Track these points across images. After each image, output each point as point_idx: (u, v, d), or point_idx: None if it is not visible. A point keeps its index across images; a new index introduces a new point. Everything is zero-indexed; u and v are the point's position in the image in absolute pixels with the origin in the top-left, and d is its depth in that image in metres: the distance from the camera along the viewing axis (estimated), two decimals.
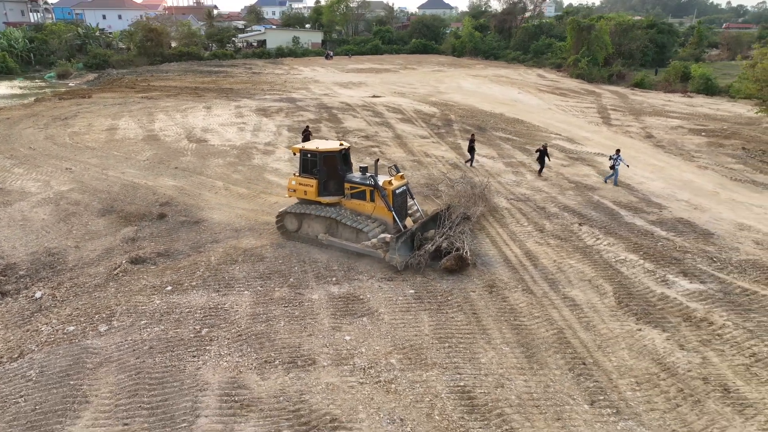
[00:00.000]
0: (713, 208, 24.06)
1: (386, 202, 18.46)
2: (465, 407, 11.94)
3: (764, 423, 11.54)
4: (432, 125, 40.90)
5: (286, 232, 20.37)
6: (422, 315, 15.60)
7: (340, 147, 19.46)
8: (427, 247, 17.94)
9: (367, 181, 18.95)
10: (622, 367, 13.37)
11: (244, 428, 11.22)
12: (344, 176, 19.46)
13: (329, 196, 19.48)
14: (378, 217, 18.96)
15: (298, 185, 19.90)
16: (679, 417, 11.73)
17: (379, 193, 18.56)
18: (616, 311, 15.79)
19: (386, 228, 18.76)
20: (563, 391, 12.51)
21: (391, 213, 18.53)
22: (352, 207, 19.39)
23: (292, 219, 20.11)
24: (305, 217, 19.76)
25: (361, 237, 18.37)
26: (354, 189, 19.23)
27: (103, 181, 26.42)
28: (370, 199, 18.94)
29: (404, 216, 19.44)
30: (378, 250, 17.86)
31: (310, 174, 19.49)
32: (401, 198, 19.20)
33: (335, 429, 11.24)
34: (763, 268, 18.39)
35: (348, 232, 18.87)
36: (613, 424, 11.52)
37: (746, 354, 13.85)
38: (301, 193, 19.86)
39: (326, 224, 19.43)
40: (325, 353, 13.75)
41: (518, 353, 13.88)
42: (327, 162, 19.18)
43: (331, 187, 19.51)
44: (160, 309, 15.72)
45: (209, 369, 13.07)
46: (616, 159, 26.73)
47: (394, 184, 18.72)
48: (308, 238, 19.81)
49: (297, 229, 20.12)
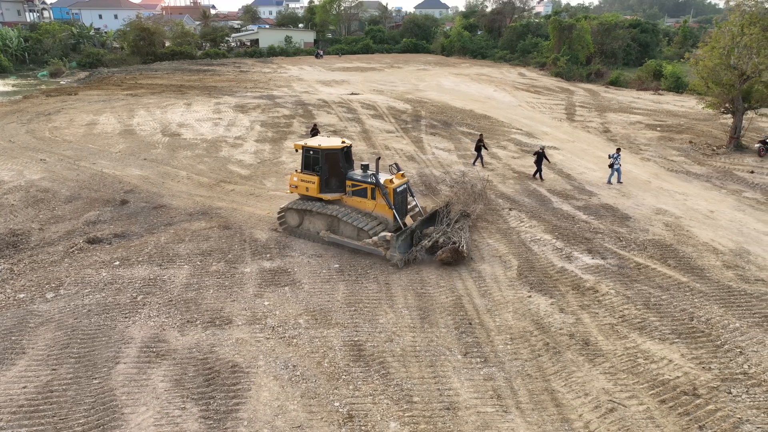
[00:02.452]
0: (639, 195, 25.79)
1: (387, 200, 18.71)
2: (353, 357, 13.74)
3: (608, 368, 13.32)
4: (401, 121, 42.62)
5: (287, 228, 20.66)
6: (340, 285, 17.39)
7: (342, 144, 19.61)
8: (424, 242, 18.38)
9: (369, 178, 19.15)
10: (502, 326, 15.14)
11: (155, 372, 13.02)
12: (346, 173, 19.63)
13: (331, 193, 19.69)
14: (378, 214, 19.25)
15: (300, 182, 20.09)
16: (537, 364, 13.51)
17: (381, 191, 18.77)
18: (514, 282, 17.56)
19: (387, 225, 19.12)
20: (444, 345, 14.30)
21: (392, 211, 18.81)
22: (353, 204, 19.62)
23: (293, 215, 20.36)
24: (307, 213, 20.03)
25: (362, 235, 18.69)
26: (355, 186, 19.43)
27: (74, 171, 28.27)
28: (371, 196, 19.17)
29: (404, 214, 19.73)
30: (379, 248, 18.16)
31: (312, 171, 19.73)
32: (402, 196, 19.44)
33: (234, 372, 13.04)
34: (662, 246, 20.13)
35: (349, 229, 19.12)
36: (478, 369, 13.31)
37: (616, 316, 15.61)
38: (302, 190, 20.07)
39: (328, 221, 19.60)
40: (242, 315, 15.56)
41: (414, 315, 15.65)
42: (329, 159, 19.36)
43: (333, 185, 19.71)
44: (104, 280, 17.52)
45: (137, 327, 14.89)
46: (615, 158, 27.06)
47: (395, 183, 18.92)
48: (309, 234, 20.10)
49: (298, 225, 20.38)
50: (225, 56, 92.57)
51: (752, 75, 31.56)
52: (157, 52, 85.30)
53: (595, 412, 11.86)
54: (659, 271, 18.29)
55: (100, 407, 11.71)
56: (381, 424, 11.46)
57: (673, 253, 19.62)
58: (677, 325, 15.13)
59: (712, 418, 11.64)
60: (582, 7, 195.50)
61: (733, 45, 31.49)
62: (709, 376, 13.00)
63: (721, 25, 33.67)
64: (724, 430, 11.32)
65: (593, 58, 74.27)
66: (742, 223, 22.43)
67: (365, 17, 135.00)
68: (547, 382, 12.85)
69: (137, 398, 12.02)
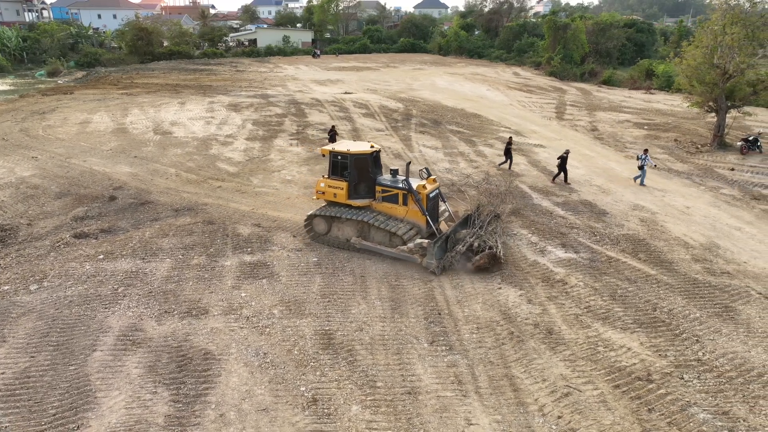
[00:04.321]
0: (619, 192, 26.26)
1: (421, 206, 18.27)
2: (322, 345, 14.24)
3: (568, 356, 13.80)
4: (391, 119, 43.10)
5: (314, 236, 20.11)
6: (316, 277, 17.88)
7: (372, 149, 19.09)
8: (458, 247, 17.96)
9: (401, 184, 18.73)
10: (470, 316, 15.62)
11: (130, 359, 13.53)
12: (375, 179, 19.15)
13: (360, 199, 19.21)
14: (410, 220, 18.77)
15: (327, 187, 19.54)
16: (500, 352, 14.00)
17: (413, 196, 18.33)
18: (485, 274, 18.01)
19: (419, 232, 18.73)
20: (412, 334, 14.78)
21: (425, 217, 18.39)
22: (383, 210, 19.16)
23: (321, 222, 19.84)
24: (335, 220, 19.50)
25: (395, 241, 18.35)
26: (386, 192, 18.98)
27: (65, 168, 28.79)
28: (403, 202, 18.73)
29: (436, 219, 19.24)
30: (414, 255, 17.80)
31: (340, 176, 19.24)
32: (434, 201, 19.06)
33: (206, 359, 13.54)
34: (635, 241, 20.60)
35: (380, 235, 18.71)
36: (442, 357, 13.80)
37: (582, 306, 16.09)
38: (330, 196, 19.56)
39: (357, 227, 19.15)
40: (218, 306, 16.05)
41: (386, 306, 16.14)
42: (358, 164, 18.85)
43: (362, 190, 19.22)
44: (88, 273, 18.03)
45: (115, 317, 15.40)
46: (644, 158, 26.76)
47: (428, 188, 18.50)
48: (338, 241, 19.60)
49: (326, 232, 19.85)
50: (222, 56, 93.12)
51: (735, 74, 31.97)
52: (155, 52, 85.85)
53: (550, 396, 12.33)
54: (629, 264, 18.76)
55: (75, 391, 12.21)
56: (343, 407, 11.94)
57: (644, 247, 20.08)
58: (640, 315, 15.61)
59: (661, 401, 12.11)
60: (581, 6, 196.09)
61: (716, 44, 31.89)
62: (665, 363, 13.47)
63: (704, 24, 34.06)
64: (672, 412, 11.78)
65: (588, 58, 74.63)
66: (716, 218, 22.89)
67: (363, 17, 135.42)
68: (507, 368, 13.33)
69: (111, 383, 12.52)
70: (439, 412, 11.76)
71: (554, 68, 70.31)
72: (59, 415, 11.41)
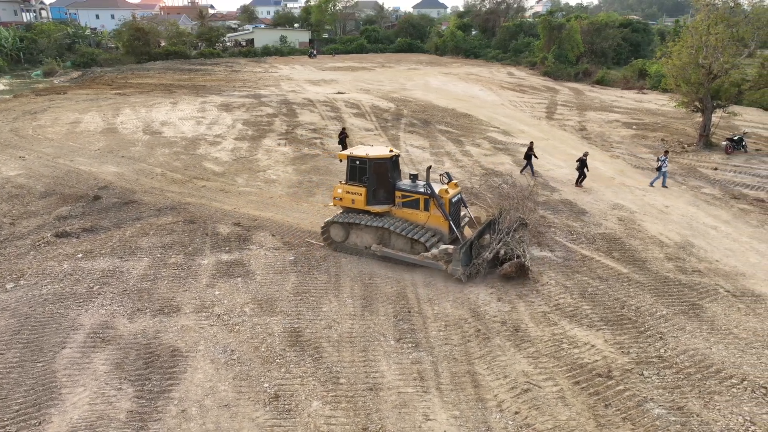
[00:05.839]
0: (600, 191, 26.41)
1: (443, 211, 17.78)
2: (290, 342, 14.41)
3: (532, 353, 13.96)
4: (382, 119, 43.27)
5: (332, 243, 19.54)
6: (291, 276, 18.05)
7: (391, 154, 18.63)
8: (485, 255, 17.41)
9: (422, 189, 18.24)
10: (440, 314, 15.78)
11: (98, 356, 13.71)
12: (395, 184, 18.69)
13: (379, 205, 18.63)
14: (432, 226, 18.26)
15: (345, 193, 18.99)
16: (465, 349, 14.16)
17: (436, 202, 17.81)
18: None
19: (442, 238, 18.19)
20: (380, 331, 14.95)
21: (448, 222, 17.93)
22: (403, 216, 18.61)
23: (338, 229, 19.22)
24: (353, 227, 18.95)
25: (417, 248, 17.85)
26: (406, 197, 18.44)
27: (51, 168, 28.99)
28: (424, 208, 18.20)
29: (459, 224, 18.74)
30: (439, 262, 17.21)
31: (358, 182, 18.71)
32: (456, 206, 18.53)
33: (174, 356, 13.72)
34: (610, 240, 20.76)
35: (402, 242, 18.16)
36: (407, 354, 13.97)
37: (551, 304, 16.25)
38: (348, 202, 18.99)
39: (377, 234, 18.57)
40: (191, 304, 16.23)
41: (357, 304, 16.30)
42: (377, 169, 18.32)
43: (381, 196, 18.66)
44: (65, 271, 18.21)
45: (88, 315, 15.57)
46: (663, 161, 26.50)
47: (450, 193, 17.99)
48: (356, 249, 19.06)
49: (344, 239, 19.26)
50: (219, 56, 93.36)
51: (719, 74, 32.10)
52: (152, 52, 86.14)
53: (510, 392, 12.50)
54: (602, 263, 18.92)
55: (40, 388, 12.39)
56: (304, 403, 12.12)
57: (619, 245, 20.24)
58: (608, 313, 15.77)
59: (619, 397, 12.28)
60: (580, 6, 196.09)
61: (701, 44, 32.02)
62: (626, 360, 13.64)
63: (689, 24, 34.20)
64: (628, 407, 11.94)
65: (582, 58, 74.74)
66: (693, 217, 23.04)
67: (361, 17, 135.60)
68: (471, 365, 13.49)
69: (77, 380, 12.70)
70: (398, 408, 11.93)
71: (548, 68, 70.43)
72: (22, 411, 11.58)
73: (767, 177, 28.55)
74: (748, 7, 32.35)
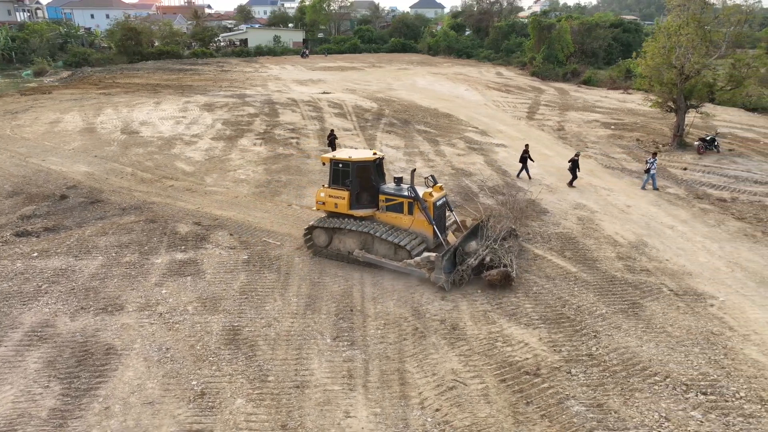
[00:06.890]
0: (565, 191, 26.49)
1: (427, 215, 17.48)
2: (226, 341, 14.50)
3: (465, 351, 14.05)
4: (362, 119, 43.36)
5: (315, 249, 19.18)
6: (241, 275, 18.15)
7: (374, 156, 18.39)
8: (470, 261, 17.00)
9: (406, 192, 17.95)
10: (381, 312, 15.87)
11: (32, 354, 13.81)
12: (378, 188, 18.42)
13: (362, 209, 18.42)
14: (416, 231, 17.91)
15: (327, 197, 18.66)
16: (399, 347, 14.25)
17: (420, 205, 17.49)
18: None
19: (426, 242, 17.89)
20: (318, 330, 15.05)
21: (432, 226, 17.62)
22: (387, 220, 18.27)
23: (321, 234, 18.93)
24: (336, 231, 18.64)
25: (401, 253, 17.46)
26: (390, 201, 18.14)
27: (22, 168, 29.11)
28: (408, 211, 17.89)
29: (444, 229, 18.41)
30: (422, 269, 16.83)
31: (341, 185, 18.46)
32: (441, 210, 18.24)
33: (107, 354, 13.82)
34: (565, 239, 20.84)
35: (385, 247, 17.81)
36: (341, 352, 14.06)
37: (493, 303, 16.34)
38: (331, 206, 18.66)
39: (360, 239, 18.23)
40: (135, 302, 16.33)
41: (301, 303, 16.40)
42: (360, 173, 18.11)
43: (364, 200, 18.48)
44: (17, 270, 18.31)
45: (30, 314, 15.68)
46: (651, 162, 26.31)
47: (434, 196, 17.74)
48: (339, 254, 18.71)
49: (327, 244, 18.90)
50: (212, 56, 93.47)
51: (691, 74, 32.15)
52: (144, 52, 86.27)
53: (435, 390, 12.59)
54: (553, 262, 19.00)
55: None
56: (228, 401, 12.21)
57: (573, 245, 20.32)
58: (548, 311, 15.85)
59: (542, 395, 12.36)
60: (578, 6, 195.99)
61: (672, 44, 32.08)
62: (557, 358, 13.72)
63: (661, 25, 34.25)
64: (548, 405, 12.03)
65: (571, 58, 74.76)
66: (653, 217, 23.10)
67: (357, 17, 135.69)
68: (402, 363, 13.58)
69: (5, 378, 12.80)
70: (320, 406, 12.02)
71: (536, 68, 70.45)
72: None
73: (734, 177, 28.56)
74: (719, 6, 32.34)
